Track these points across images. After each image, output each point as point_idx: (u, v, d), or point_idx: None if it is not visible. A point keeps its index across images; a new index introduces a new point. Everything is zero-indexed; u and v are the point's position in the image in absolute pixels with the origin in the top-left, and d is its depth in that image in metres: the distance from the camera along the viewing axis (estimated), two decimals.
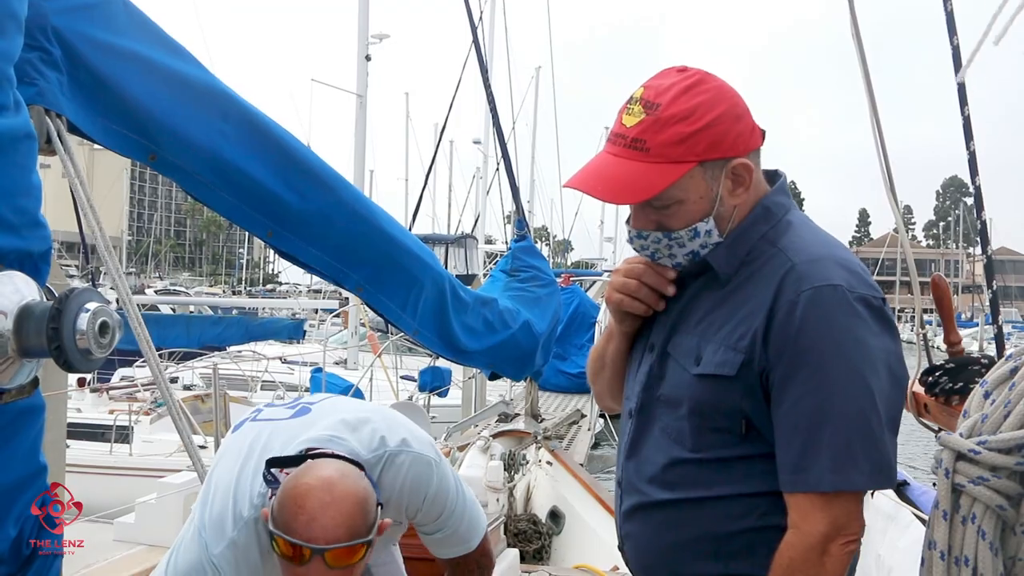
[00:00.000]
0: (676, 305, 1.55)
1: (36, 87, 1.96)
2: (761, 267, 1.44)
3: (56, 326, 1.10)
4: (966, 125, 2.16)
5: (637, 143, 1.41)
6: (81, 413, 11.36)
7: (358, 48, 14.26)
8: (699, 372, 1.45)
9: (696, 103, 1.40)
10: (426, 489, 1.97)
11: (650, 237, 1.49)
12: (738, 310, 1.43)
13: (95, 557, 6.31)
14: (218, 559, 1.74)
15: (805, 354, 1.35)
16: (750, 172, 1.45)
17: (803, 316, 1.35)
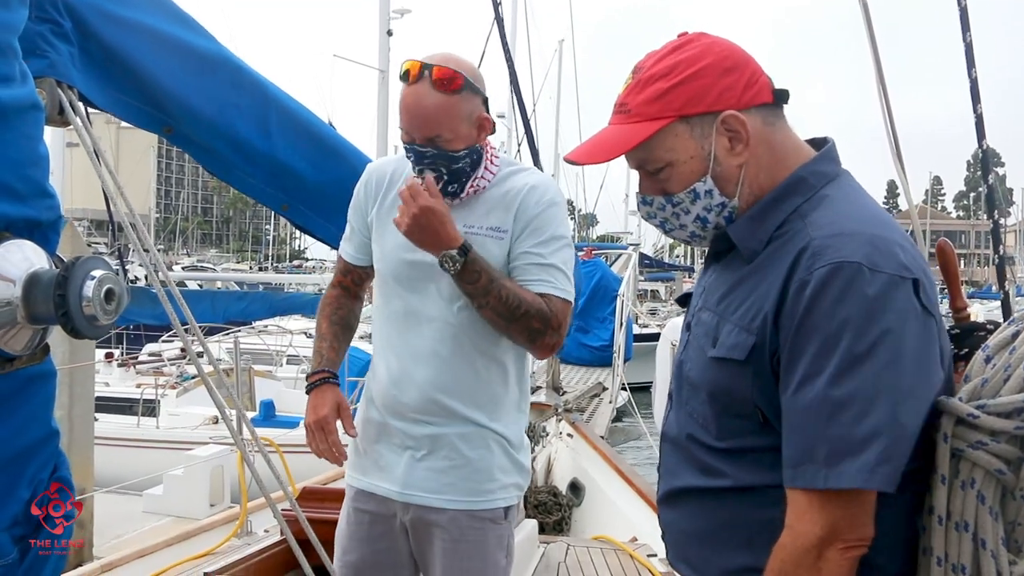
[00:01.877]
0: (704, 279, 1.51)
1: (47, 59, 1.99)
2: (785, 243, 1.33)
3: (62, 293, 1.12)
4: (973, 88, 2.13)
5: (622, 108, 1.41)
6: (109, 387, 11.54)
7: (380, 23, 14.23)
8: (714, 355, 1.38)
9: (677, 60, 1.37)
10: (539, 180, 2.16)
11: (655, 203, 1.45)
12: (755, 289, 1.34)
13: (124, 528, 6.46)
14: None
15: (809, 339, 1.24)
16: (743, 124, 1.37)
17: (812, 297, 1.24)
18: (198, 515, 5.98)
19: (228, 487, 6.60)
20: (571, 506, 6.12)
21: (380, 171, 2.26)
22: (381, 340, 2.21)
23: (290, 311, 16.45)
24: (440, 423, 2.13)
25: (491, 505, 2.18)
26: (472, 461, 2.15)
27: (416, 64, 2.02)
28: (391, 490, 2.18)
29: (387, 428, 2.19)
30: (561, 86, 33.84)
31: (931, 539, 1.27)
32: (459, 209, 2.13)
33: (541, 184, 2.17)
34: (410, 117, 2.04)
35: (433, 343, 2.11)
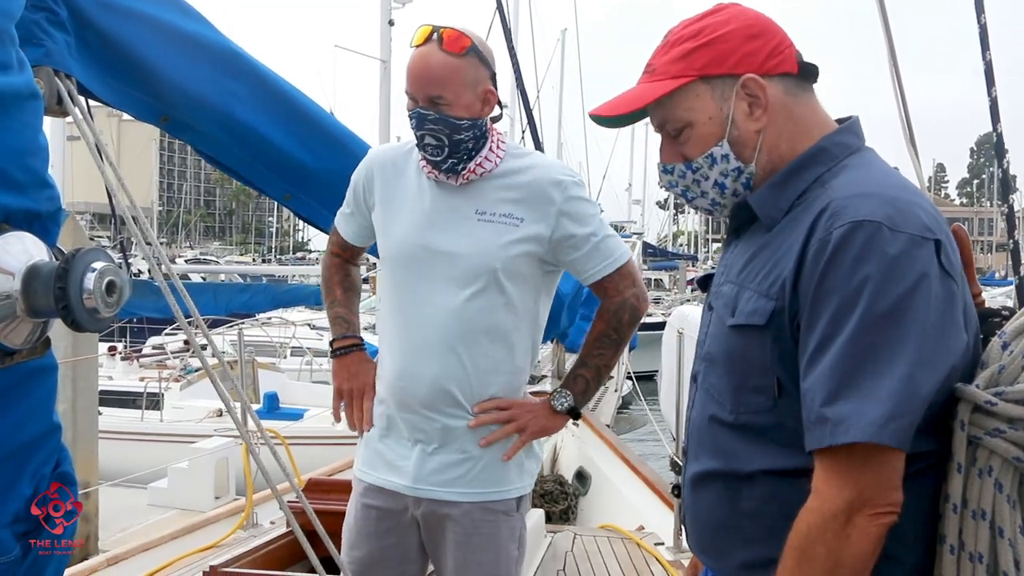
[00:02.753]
0: (726, 255, 1.50)
1: (43, 48, 1.96)
2: (805, 209, 1.32)
3: (63, 285, 1.10)
4: (987, 71, 2.10)
5: (649, 68, 1.44)
6: (112, 381, 11.56)
7: (381, 13, 14.17)
8: (733, 323, 1.37)
9: (706, 24, 1.40)
10: (561, 171, 2.18)
11: (675, 171, 1.45)
12: (775, 254, 1.33)
13: (130, 521, 6.47)
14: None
15: (827, 299, 1.22)
16: (763, 89, 1.37)
17: (831, 256, 1.22)
18: (203, 508, 5.98)
19: (233, 480, 6.61)
20: (577, 495, 6.12)
21: (383, 157, 2.24)
22: (389, 332, 2.17)
23: (293, 303, 16.50)
24: (452, 416, 2.11)
25: (504, 496, 2.17)
26: (485, 453, 2.14)
27: (428, 28, 2.06)
28: (402, 484, 2.15)
29: (396, 421, 2.16)
30: (564, 76, 33.78)
31: (946, 527, 1.25)
32: (468, 192, 2.12)
33: (558, 170, 2.18)
34: (414, 76, 2.05)
35: (444, 334, 2.08)
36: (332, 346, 2.34)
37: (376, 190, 2.22)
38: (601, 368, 2.26)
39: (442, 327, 2.08)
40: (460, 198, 2.12)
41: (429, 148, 2.07)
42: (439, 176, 2.12)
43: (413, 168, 2.19)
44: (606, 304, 2.23)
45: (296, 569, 3.24)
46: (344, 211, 2.34)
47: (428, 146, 2.07)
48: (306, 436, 8.81)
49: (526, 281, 2.14)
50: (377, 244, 2.24)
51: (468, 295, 2.08)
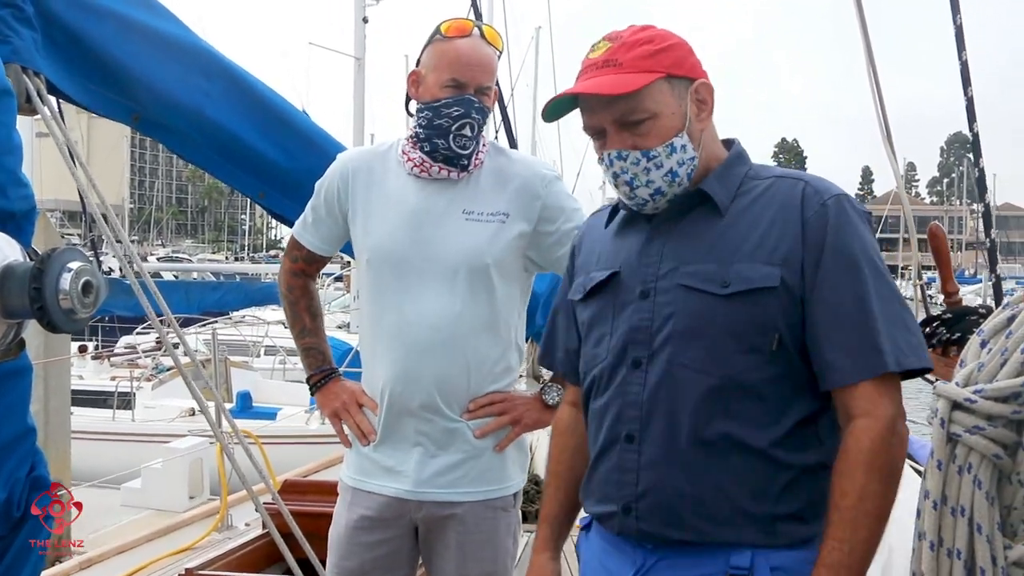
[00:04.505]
0: (655, 247, 1.58)
1: (10, 45, 1.93)
2: (763, 193, 1.55)
3: (38, 286, 1.08)
4: (963, 70, 2.12)
5: (609, 63, 1.53)
6: (83, 380, 11.42)
7: (355, 10, 14.09)
8: (731, 291, 1.48)
9: (654, 34, 1.57)
10: (543, 168, 2.23)
11: (629, 157, 1.54)
12: (755, 230, 1.51)
13: (103, 522, 6.39)
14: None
15: (842, 253, 1.46)
16: (711, 93, 1.58)
17: (834, 220, 1.47)
18: (177, 508, 5.93)
19: (207, 480, 6.55)
20: None
21: (355, 163, 2.22)
22: (380, 336, 2.14)
23: (266, 301, 16.39)
24: (454, 416, 2.11)
25: (505, 493, 2.18)
26: (486, 450, 2.14)
27: (468, 22, 2.13)
28: (403, 490, 2.12)
29: (392, 427, 2.14)
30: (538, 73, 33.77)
31: (925, 523, 1.26)
32: (455, 190, 2.12)
33: (541, 166, 2.24)
34: (472, 63, 2.08)
35: (445, 334, 2.07)
36: (310, 381, 2.31)
37: (353, 195, 2.19)
38: None
39: (442, 327, 2.07)
40: (447, 196, 2.12)
41: (462, 139, 2.08)
42: (434, 172, 2.12)
43: (391, 170, 2.17)
44: None
45: (272, 571, 3.22)
46: (307, 221, 2.29)
47: (462, 136, 2.08)
48: (280, 436, 8.75)
49: (515, 277, 2.17)
50: (356, 248, 2.21)
51: (465, 294, 2.08)
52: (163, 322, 2.51)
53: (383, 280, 2.13)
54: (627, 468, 1.55)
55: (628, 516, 1.55)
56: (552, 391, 2.21)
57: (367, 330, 2.20)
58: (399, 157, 2.16)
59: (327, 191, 2.24)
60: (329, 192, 2.23)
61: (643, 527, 1.53)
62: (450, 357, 2.08)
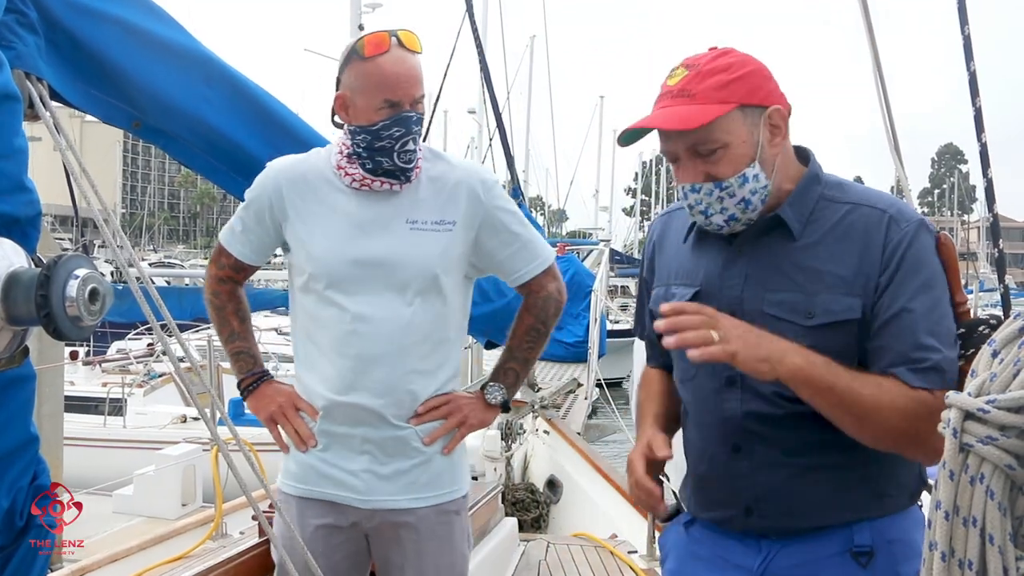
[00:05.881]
0: (737, 270, 1.65)
1: (14, 50, 1.92)
2: (843, 220, 1.60)
3: (45, 293, 1.07)
4: (972, 81, 2.12)
5: (684, 92, 1.57)
6: (74, 386, 11.36)
7: (351, 17, 14.09)
8: (815, 323, 1.56)
9: (731, 61, 1.58)
10: (483, 171, 2.23)
11: (702, 190, 1.59)
12: (838, 260, 1.57)
13: (94, 529, 6.34)
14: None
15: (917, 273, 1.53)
16: (784, 119, 1.61)
17: (911, 244, 1.54)
18: (169, 515, 5.89)
19: (200, 487, 6.51)
20: (549, 503, 6.11)
21: (290, 172, 2.18)
22: (321, 347, 2.11)
23: (259, 307, 16.31)
24: (402, 424, 2.10)
25: (456, 496, 2.19)
26: (435, 455, 2.14)
27: (383, 34, 2.04)
28: (353, 498, 2.11)
29: (337, 436, 2.11)
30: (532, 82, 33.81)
31: (937, 533, 1.25)
32: (397, 199, 2.11)
33: (481, 170, 2.23)
34: (400, 80, 2.03)
35: (394, 344, 2.06)
36: (241, 385, 2.27)
37: (290, 206, 2.15)
38: (530, 360, 2.32)
39: (391, 337, 2.06)
40: (390, 207, 2.10)
41: (407, 154, 2.06)
42: (376, 186, 2.09)
43: (328, 182, 2.14)
44: (532, 299, 2.27)
45: None
46: (235, 230, 2.25)
47: (406, 151, 2.05)
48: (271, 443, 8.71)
49: (460, 284, 2.18)
50: (294, 260, 2.17)
51: (413, 303, 2.07)
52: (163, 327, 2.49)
53: (326, 291, 2.09)
54: (739, 475, 1.67)
55: (750, 516, 1.67)
56: (494, 390, 2.24)
57: (305, 341, 2.16)
58: (334, 170, 2.13)
59: (258, 202, 2.19)
60: (260, 203, 2.19)
61: (766, 524, 1.66)
62: (399, 367, 2.07)
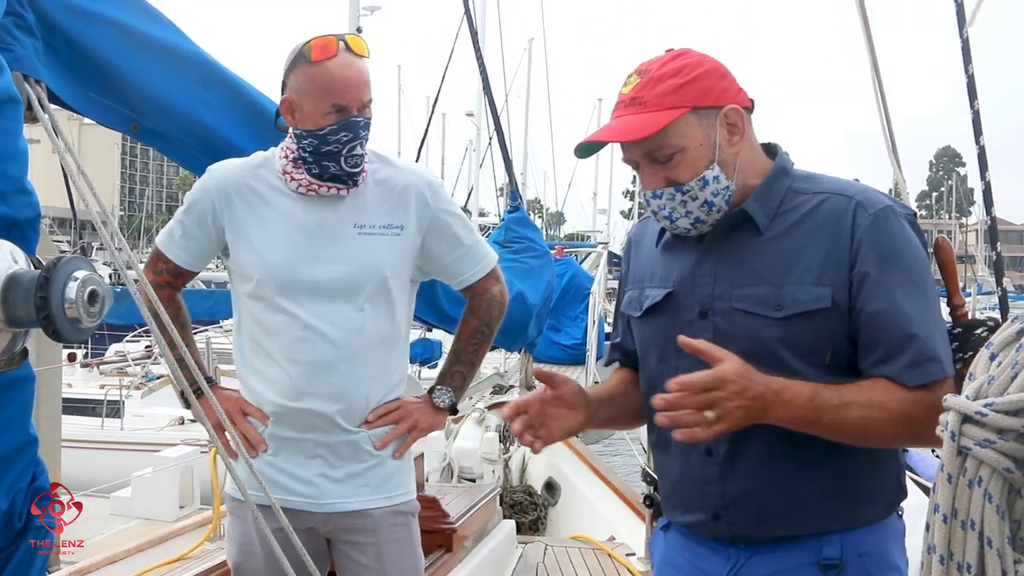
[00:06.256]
0: (708, 268, 1.64)
1: (12, 52, 1.92)
2: (813, 211, 1.58)
3: (44, 295, 1.07)
4: (970, 84, 2.12)
5: (636, 101, 1.57)
6: (72, 388, 11.35)
7: (349, 20, 14.11)
8: (784, 315, 1.54)
9: (683, 63, 1.58)
10: (429, 174, 2.23)
11: (663, 195, 1.59)
12: (806, 250, 1.55)
13: (92, 531, 6.33)
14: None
15: (894, 261, 1.50)
16: (741, 118, 1.60)
17: (880, 229, 1.52)
18: (167, 518, 5.88)
19: (198, 489, 6.50)
20: (547, 506, 6.11)
21: (233, 177, 2.16)
22: (270, 353, 2.10)
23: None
24: (353, 429, 2.10)
25: (411, 497, 2.20)
26: (386, 458, 2.15)
27: (331, 38, 2.03)
28: (308, 502, 2.10)
29: (287, 441, 2.10)
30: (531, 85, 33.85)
31: (935, 537, 1.25)
32: (344, 204, 2.10)
33: (426, 173, 2.25)
34: (348, 85, 2.02)
35: (342, 350, 2.06)
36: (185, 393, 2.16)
37: (231, 211, 2.13)
38: (476, 363, 2.35)
39: (344, 343, 2.06)
40: (337, 212, 2.10)
41: (354, 159, 2.05)
42: (323, 191, 2.08)
43: (272, 187, 2.13)
44: (476, 303, 2.29)
45: None
46: (174, 235, 2.22)
47: (353, 156, 2.04)
48: None
49: (408, 287, 2.19)
50: (239, 266, 2.15)
51: (363, 308, 2.08)
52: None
53: (275, 297, 2.08)
54: (710, 479, 1.64)
55: (719, 522, 1.65)
56: (442, 393, 2.25)
57: (252, 346, 2.15)
58: (279, 175, 2.12)
59: (200, 206, 2.17)
60: (202, 208, 2.17)
61: (735, 531, 1.64)
62: (351, 372, 2.07)
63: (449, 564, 3.49)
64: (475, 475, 6.36)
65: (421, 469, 3.92)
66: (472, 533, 3.80)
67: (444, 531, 3.51)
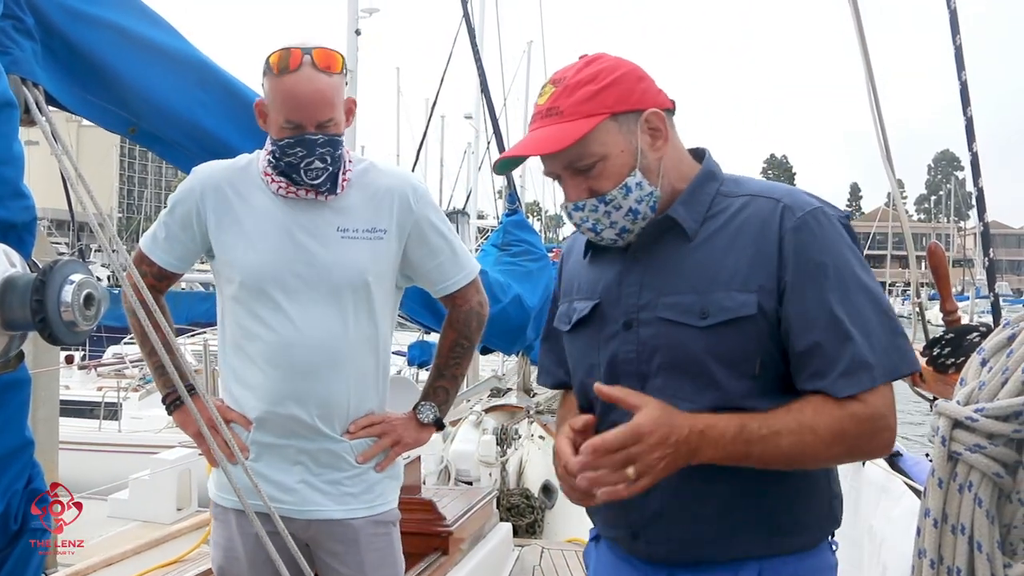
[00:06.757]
0: (634, 277, 1.57)
1: (10, 56, 1.92)
2: (738, 214, 1.51)
3: (40, 298, 1.07)
4: (963, 90, 2.13)
5: (552, 111, 1.51)
6: (70, 390, 11.35)
7: (348, 22, 14.07)
8: (709, 323, 1.47)
9: (598, 69, 1.52)
10: (414, 179, 2.20)
11: (586, 207, 1.53)
12: (731, 256, 1.48)
13: (90, 533, 6.33)
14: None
15: (823, 264, 1.43)
16: (663, 120, 1.53)
17: (812, 233, 1.44)
18: (165, 520, 5.89)
19: (196, 491, 6.51)
20: (544, 509, 6.11)
21: (217, 178, 2.14)
22: (252, 357, 2.09)
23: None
24: (336, 436, 2.09)
25: (391, 507, 2.19)
26: (368, 468, 2.14)
27: (296, 51, 1.97)
28: (288, 509, 2.07)
29: (269, 447, 2.09)
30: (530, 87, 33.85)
31: (926, 541, 1.26)
32: (327, 206, 2.09)
33: (410, 176, 2.22)
34: (303, 103, 1.97)
35: (326, 355, 2.05)
36: (167, 400, 2.18)
37: (215, 213, 2.12)
38: (458, 376, 2.31)
39: (327, 347, 2.05)
40: (320, 215, 2.08)
41: (314, 172, 2.02)
42: (301, 194, 2.07)
43: (256, 188, 2.11)
44: (455, 314, 2.27)
45: None
46: (158, 237, 2.20)
47: (314, 170, 2.02)
48: None
49: (391, 293, 2.18)
50: (222, 268, 2.14)
51: (347, 312, 2.06)
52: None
53: (258, 300, 2.07)
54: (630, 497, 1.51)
55: (637, 541, 1.58)
56: (426, 409, 2.23)
57: (234, 351, 2.13)
58: (261, 177, 2.11)
59: (184, 208, 2.15)
60: (187, 209, 2.15)
61: (651, 551, 1.57)
62: (334, 377, 2.06)
63: (445, 567, 3.49)
64: (472, 478, 6.37)
65: (418, 472, 3.92)
66: (469, 536, 3.80)
67: (440, 534, 3.51)
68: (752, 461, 1.42)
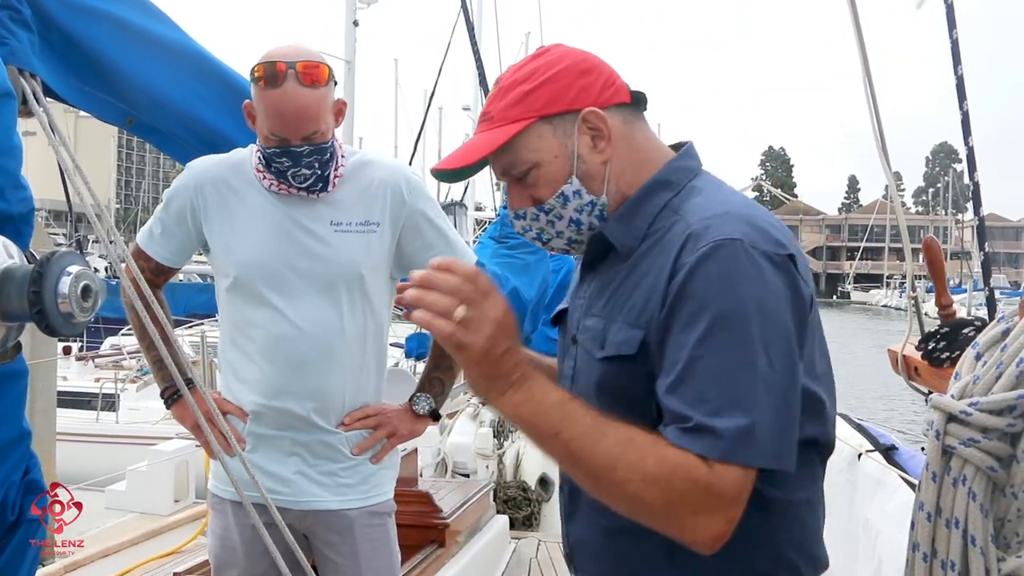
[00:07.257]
0: (584, 289, 1.47)
1: (7, 46, 1.92)
2: (662, 236, 1.32)
3: (37, 290, 1.08)
4: (959, 85, 2.13)
5: (486, 116, 1.41)
6: (67, 381, 11.34)
7: (346, 13, 14.03)
8: (603, 355, 1.33)
9: (536, 66, 1.39)
10: (407, 171, 2.19)
11: (527, 215, 1.42)
12: (639, 284, 1.32)
13: (87, 525, 6.33)
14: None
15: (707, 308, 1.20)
16: (603, 120, 1.36)
17: (708, 270, 1.21)
18: (162, 511, 5.89)
19: (193, 483, 6.51)
20: (541, 501, 6.12)
21: (211, 174, 2.15)
22: (249, 351, 2.10)
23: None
24: (331, 428, 2.10)
25: (388, 498, 2.20)
26: (364, 459, 2.15)
27: (280, 64, 1.95)
28: (284, 500, 2.08)
29: (265, 438, 2.11)
30: None
31: (919, 535, 1.27)
32: (321, 201, 2.09)
33: (403, 168, 2.22)
34: (286, 119, 1.97)
35: (322, 348, 2.06)
36: (165, 394, 2.19)
37: (210, 208, 2.13)
38: (454, 367, 2.31)
39: (323, 340, 2.06)
40: (314, 209, 2.09)
41: (301, 177, 2.03)
42: (293, 192, 2.08)
43: (249, 183, 2.12)
44: None
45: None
46: (154, 232, 2.20)
47: (301, 175, 2.03)
48: None
49: (386, 285, 2.18)
50: (218, 263, 2.15)
51: (340, 305, 2.07)
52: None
53: (253, 295, 2.08)
54: (567, 516, 1.50)
55: (572, 562, 1.51)
56: (421, 401, 2.24)
57: (230, 345, 2.15)
58: (254, 172, 2.12)
59: (179, 203, 2.16)
60: (181, 204, 2.16)
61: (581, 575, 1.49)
62: (330, 370, 2.07)
63: (442, 559, 3.51)
64: (469, 470, 6.38)
65: (415, 464, 3.93)
66: (465, 528, 3.81)
67: (437, 526, 3.52)
68: (558, 445, 1.22)
